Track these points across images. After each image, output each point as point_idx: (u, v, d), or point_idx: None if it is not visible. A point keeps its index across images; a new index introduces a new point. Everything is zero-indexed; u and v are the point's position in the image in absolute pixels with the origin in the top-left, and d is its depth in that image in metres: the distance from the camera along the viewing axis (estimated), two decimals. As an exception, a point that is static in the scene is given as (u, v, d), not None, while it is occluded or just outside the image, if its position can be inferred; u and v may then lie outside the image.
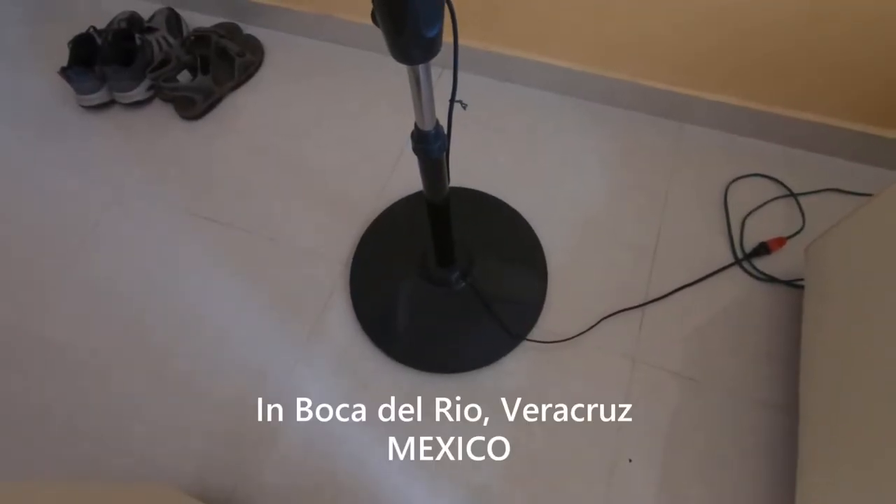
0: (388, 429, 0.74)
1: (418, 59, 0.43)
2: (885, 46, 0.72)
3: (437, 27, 0.41)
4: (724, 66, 0.84)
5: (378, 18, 0.40)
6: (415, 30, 0.40)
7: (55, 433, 0.77)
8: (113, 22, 1.07)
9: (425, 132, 0.53)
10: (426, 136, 0.53)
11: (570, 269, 0.84)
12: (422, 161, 0.57)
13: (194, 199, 0.94)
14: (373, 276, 0.84)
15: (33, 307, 0.86)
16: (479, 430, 0.74)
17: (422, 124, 0.52)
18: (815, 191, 0.88)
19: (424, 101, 0.49)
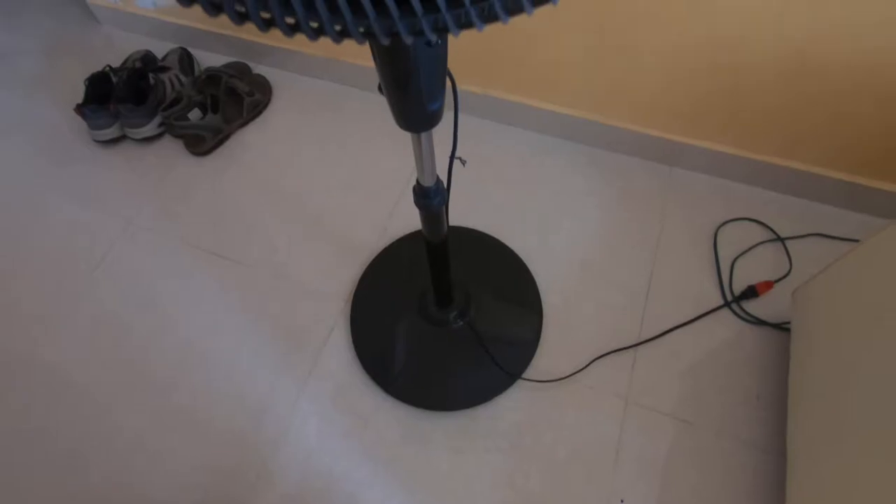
0: (385, 466, 0.76)
1: (421, 128, 0.48)
2: (867, 103, 0.78)
3: (439, 101, 0.46)
4: (715, 116, 0.90)
5: (384, 91, 0.45)
6: (419, 104, 0.45)
7: (56, 463, 0.79)
8: (128, 60, 1.13)
9: (427, 188, 0.57)
10: (427, 191, 0.58)
11: (565, 308, 0.88)
12: (423, 213, 0.61)
13: (201, 234, 0.98)
14: (373, 313, 0.87)
15: (39, 336, 0.89)
16: (475, 468, 0.76)
17: (423, 181, 0.57)
18: (801, 235, 0.92)
19: (426, 161, 0.54)
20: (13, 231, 1.00)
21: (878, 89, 0.76)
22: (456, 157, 0.58)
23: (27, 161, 1.08)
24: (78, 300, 0.92)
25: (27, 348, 0.88)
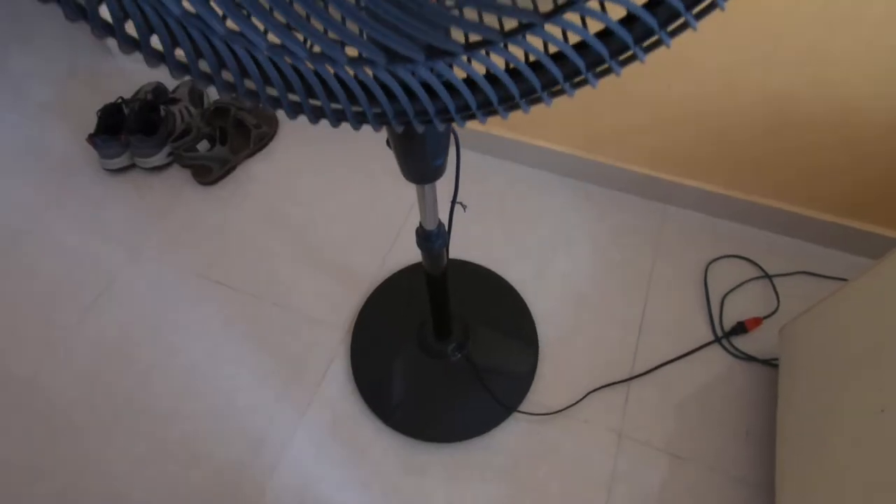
0: (382, 496, 0.78)
1: (425, 181, 0.51)
2: (844, 154, 0.82)
3: (443, 157, 0.49)
4: (703, 158, 0.94)
5: (392, 147, 0.49)
6: (424, 160, 0.48)
7: (55, 490, 0.80)
8: (140, 92, 1.17)
9: (429, 231, 0.61)
10: (430, 234, 0.61)
11: (560, 342, 0.90)
12: (424, 255, 0.64)
13: (206, 263, 1.00)
14: (373, 344, 0.89)
15: (44, 362, 0.90)
16: (470, 500, 0.77)
17: (426, 225, 0.60)
18: (789, 273, 0.96)
19: (429, 208, 0.57)
20: (20, 255, 1.02)
21: (853, 142, 0.80)
22: (457, 201, 0.62)
23: (37, 186, 1.11)
24: (82, 327, 0.94)
25: (29, 374, 0.90)
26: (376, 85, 0.25)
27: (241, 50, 0.24)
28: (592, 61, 0.24)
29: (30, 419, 0.86)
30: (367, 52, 0.23)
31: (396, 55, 0.23)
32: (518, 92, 0.25)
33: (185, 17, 0.23)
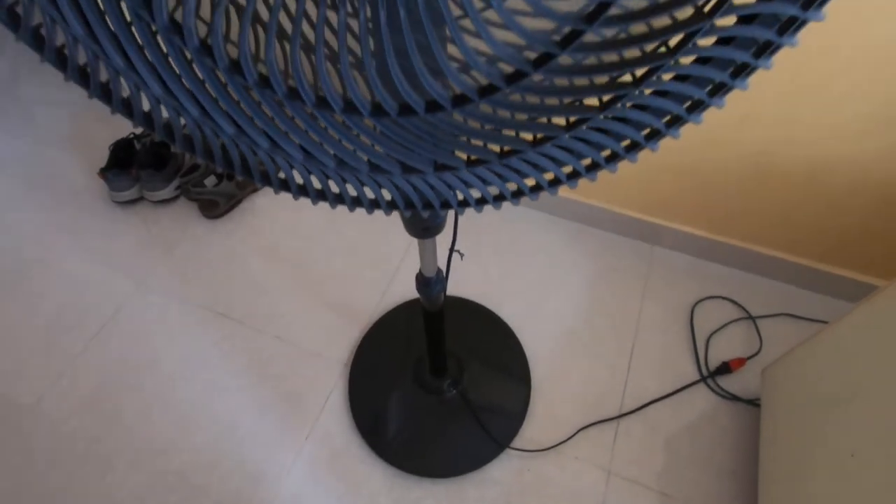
0: (376, 533, 0.80)
1: (426, 236, 0.56)
2: (818, 203, 0.89)
3: (442, 217, 0.54)
4: (687, 204, 1.00)
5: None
6: (425, 222, 0.53)
7: (53, 525, 0.81)
8: (150, 127, 1.23)
9: (428, 278, 0.66)
10: (429, 280, 0.66)
11: (552, 379, 0.94)
12: (424, 299, 0.69)
13: (209, 295, 1.04)
14: (370, 379, 0.93)
15: (47, 390, 0.93)
16: (463, 537, 0.80)
17: (425, 272, 0.65)
18: (771, 314, 1.01)
19: (428, 257, 0.62)
20: (29, 282, 1.06)
21: (824, 195, 0.87)
22: (455, 249, 0.67)
23: (48, 216, 1.15)
24: (87, 356, 0.97)
25: (33, 402, 0.92)
26: (392, 186, 0.30)
27: (281, 160, 0.29)
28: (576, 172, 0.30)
29: (31, 447, 0.88)
30: (386, 166, 0.28)
31: (409, 168, 0.28)
32: (509, 193, 0.31)
33: (237, 136, 0.28)
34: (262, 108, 0.26)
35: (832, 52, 0.70)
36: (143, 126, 0.30)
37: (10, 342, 0.99)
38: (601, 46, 0.22)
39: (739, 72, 0.24)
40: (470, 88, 0.24)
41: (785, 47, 0.22)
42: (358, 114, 0.25)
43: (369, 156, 0.28)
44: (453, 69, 0.23)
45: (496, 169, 0.28)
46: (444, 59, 0.23)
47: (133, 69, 0.25)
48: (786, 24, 0.21)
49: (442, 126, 0.26)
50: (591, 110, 0.25)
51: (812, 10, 0.20)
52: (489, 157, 0.27)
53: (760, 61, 0.23)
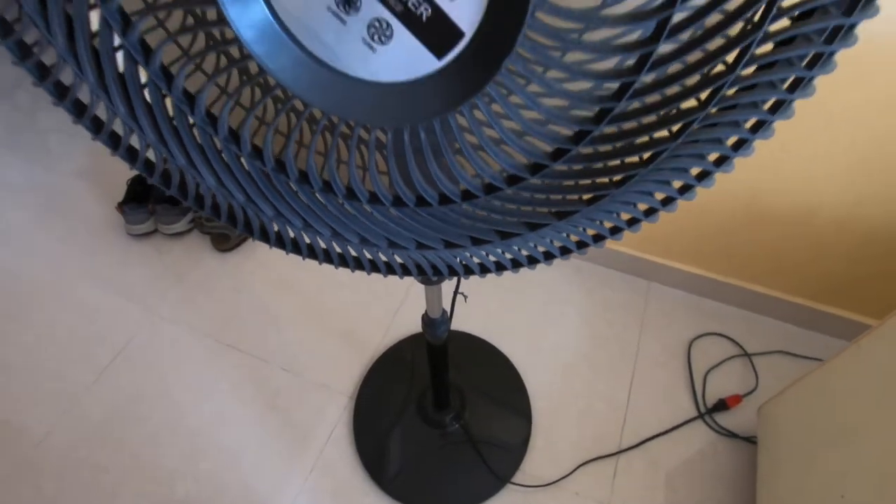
0: (379, 568, 0.82)
1: (433, 284, 0.61)
2: (809, 243, 0.94)
3: (448, 265, 0.59)
4: (682, 242, 1.05)
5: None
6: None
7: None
8: (166, 161, 1.29)
9: (433, 319, 0.70)
10: (434, 321, 0.70)
11: (552, 413, 0.98)
12: (429, 336, 0.73)
13: (219, 326, 1.09)
14: (374, 411, 0.96)
15: (58, 419, 0.97)
16: (464, 573, 0.82)
17: (431, 314, 0.69)
18: (767, 352, 1.05)
19: (434, 301, 0.67)
20: (43, 311, 1.11)
21: (814, 236, 0.92)
22: (459, 292, 0.72)
23: (64, 246, 1.21)
24: (98, 385, 1.01)
25: (44, 431, 0.96)
26: (406, 257, 0.35)
27: (312, 236, 0.34)
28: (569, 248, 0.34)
29: (40, 476, 0.91)
30: (403, 243, 0.33)
31: (423, 245, 0.33)
32: (510, 264, 0.36)
33: (276, 217, 0.33)
34: (299, 196, 0.31)
35: (815, 110, 0.76)
36: (194, 206, 0.35)
37: (25, 370, 1.03)
38: (588, 158, 0.27)
39: (723, 159, 0.29)
40: (476, 187, 0.29)
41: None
42: (381, 204, 0.30)
43: (388, 235, 0.33)
44: (463, 173, 0.28)
45: (497, 247, 0.33)
46: (456, 166, 0.28)
47: (193, 166, 0.30)
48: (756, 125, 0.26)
49: (452, 214, 0.31)
50: (578, 203, 0.30)
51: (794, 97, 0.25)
52: (491, 238, 0.32)
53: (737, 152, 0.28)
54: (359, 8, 0.23)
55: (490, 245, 0.32)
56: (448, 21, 0.23)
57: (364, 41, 0.24)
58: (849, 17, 0.22)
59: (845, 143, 0.79)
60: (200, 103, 0.27)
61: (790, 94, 0.25)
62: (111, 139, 0.32)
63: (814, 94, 0.26)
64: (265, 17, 0.23)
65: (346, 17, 0.24)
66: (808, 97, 0.26)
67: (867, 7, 0.21)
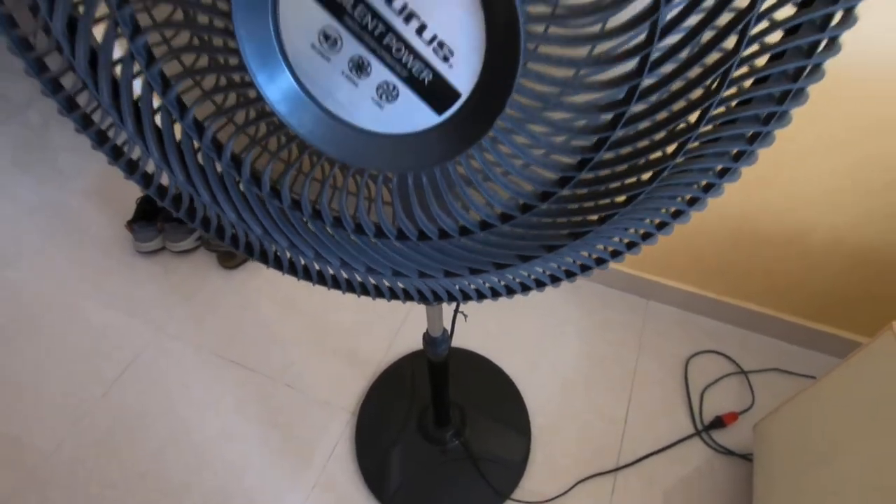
0: (380, 584, 0.84)
1: (436, 303, 0.64)
2: (799, 263, 0.97)
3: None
4: (678, 262, 1.08)
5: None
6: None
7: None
8: (175, 180, 1.34)
9: (434, 337, 0.73)
10: (435, 340, 0.73)
11: (551, 430, 1.00)
12: (430, 354, 0.76)
13: (224, 343, 1.12)
14: (376, 428, 0.99)
15: (67, 434, 0.99)
16: (464, 589, 0.84)
17: (432, 332, 0.72)
18: (762, 370, 1.07)
19: (435, 320, 0.70)
20: (52, 328, 1.14)
21: (804, 256, 0.95)
22: (459, 312, 0.75)
23: (73, 263, 1.25)
24: (106, 400, 1.04)
25: (52, 446, 0.98)
26: (410, 284, 0.39)
27: (322, 265, 0.37)
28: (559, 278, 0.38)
29: (48, 491, 0.93)
30: (406, 272, 0.36)
31: (424, 274, 0.37)
32: (504, 291, 0.39)
33: (290, 248, 0.36)
34: (309, 228, 0.35)
35: (800, 135, 0.80)
36: (201, 228, 0.38)
37: (34, 386, 1.06)
38: (570, 199, 0.31)
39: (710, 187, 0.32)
40: (472, 223, 0.33)
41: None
42: (386, 238, 0.34)
43: (393, 265, 0.36)
44: (461, 211, 0.32)
45: (493, 276, 0.36)
46: (455, 206, 0.31)
47: (216, 202, 0.34)
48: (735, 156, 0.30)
49: (450, 247, 0.34)
50: (565, 238, 0.33)
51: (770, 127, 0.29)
52: (487, 268, 0.35)
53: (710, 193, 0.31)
54: (369, 73, 0.27)
55: (486, 274, 0.36)
56: (447, 84, 0.27)
57: (373, 100, 0.28)
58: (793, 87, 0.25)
59: (831, 166, 0.82)
60: (227, 151, 0.30)
61: (749, 146, 0.28)
62: (128, 165, 0.36)
63: (774, 143, 0.30)
64: (290, 84, 0.26)
65: (358, 80, 0.27)
66: (768, 146, 0.29)
67: (812, 75, 0.25)
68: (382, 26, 0.25)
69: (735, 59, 0.24)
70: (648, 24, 0.23)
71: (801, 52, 0.25)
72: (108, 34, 0.26)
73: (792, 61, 0.25)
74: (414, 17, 0.25)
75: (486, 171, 0.29)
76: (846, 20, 0.25)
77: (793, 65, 0.25)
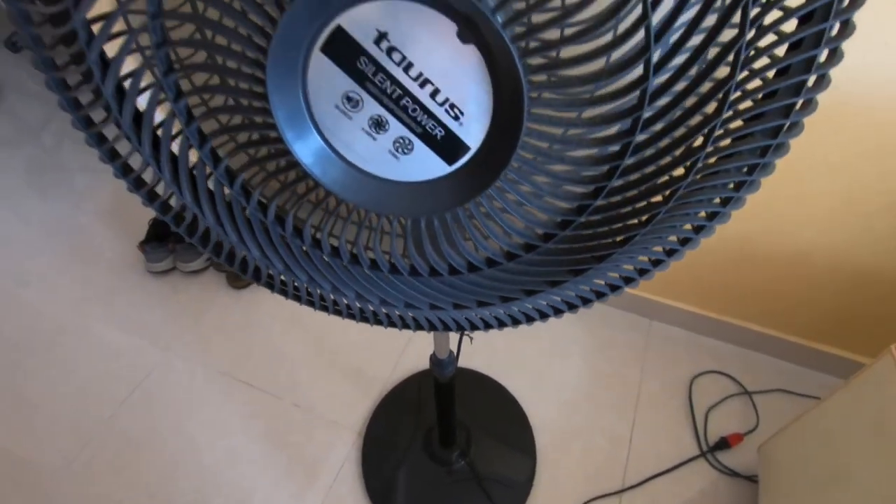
0: None
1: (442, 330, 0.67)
2: (800, 284, 0.99)
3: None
4: (680, 282, 1.10)
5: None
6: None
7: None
8: (185, 202, 1.37)
9: (441, 359, 0.75)
10: (442, 362, 0.75)
11: (556, 450, 1.01)
12: (436, 374, 0.78)
13: (232, 362, 1.14)
14: (382, 448, 1.00)
15: (76, 454, 1.01)
16: None
17: (439, 354, 0.75)
18: (766, 390, 1.08)
19: (441, 342, 0.72)
20: (64, 348, 1.17)
21: (804, 277, 0.97)
22: (465, 334, 0.77)
23: (85, 283, 1.28)
24: (115, 420, 1.06)
25: (62, 465, 1.00)
26: (422, 316, 0.41)
27: (339, 297, 0.40)
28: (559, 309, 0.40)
29: (59, 512, 0.95)
30: (418, 304, 0.39)
31: (435, 306, 0.39)
32: (510, 321, 0.41)
33: (309, 282, 0.39)
34: (329, 265, 0.38)
35: (797, 159, 0.82)
36: (213, 255, 0.41)
37: (45, 405, 1.08)
38: (574, 239, 0.34)
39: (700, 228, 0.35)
40: (480, 261, 0.35)
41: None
42: (399, 274, 0.37)
43: (405, 298, 0.38)
44: (469, 249, 0.35)
45: (499, 308, 0.39)
46: (464, 245, 0.34)
47: (242, 241, 0.37)
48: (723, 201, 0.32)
49: (459, 282, 0.37)
50: (566, 275, 0.36)
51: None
52: (494, 301, 0.38)
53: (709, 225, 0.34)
54: (387, 130, 0.30)
55: (493, 307, 0.38)
56: (457, 139, 0.30)
57: (390, 152, 0.31)
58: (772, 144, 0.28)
59: (828, 189, 0.85)
60: (254, 197, 0.33)
61: (736, 193, 0.31)
62: (149, 195, 0.39)
63: (759, 189, 0.32)
64: (317, 141, 0.29)
65: (377, 135, 0.30)
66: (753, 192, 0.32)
67: (777, 151, 0.28)
68: (400, 91, 0.28)
69: (717, 121, 0.27)
70: (639, 91, 0.26)
71: (779, 113, 0.27)
72: (152, 98, 0.29)
73: (771, 120, 0.28)
74: (429, 84, 0.28)
75: (493, 215, 0.32)
76: (820, 84, 0.28)
77: (771, 124, 0.28)
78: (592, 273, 0.36)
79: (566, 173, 0.30)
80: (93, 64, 0.28)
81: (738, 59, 0.25)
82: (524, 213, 0.32)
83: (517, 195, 0.31)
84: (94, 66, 0.28)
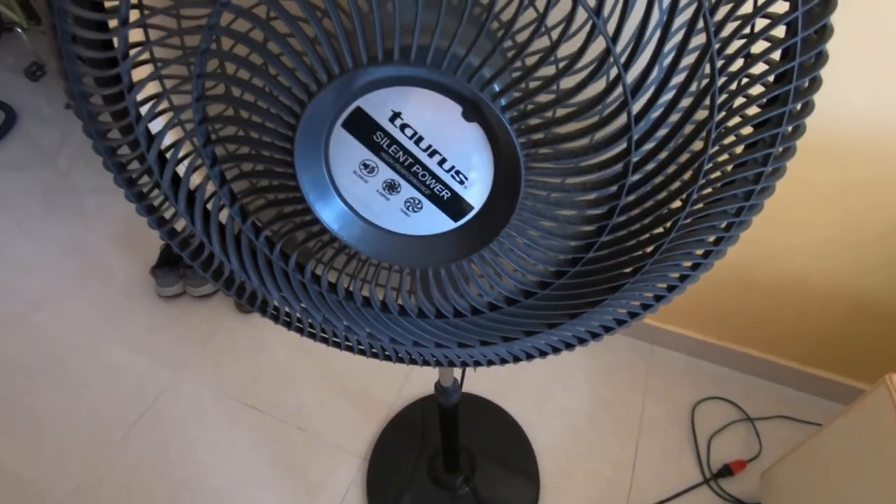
0: None
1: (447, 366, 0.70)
2: (798, 311, 1.01)
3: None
4: (682, 309, 1.13)
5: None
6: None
7: None
8: (196, 226, 1.42)
9: (445, 387, 0.78)
10: (446, 390, 0.78)
11: (559, 476, 1.03)
12: (441, 404, 0.81)
13: (240, 386, 1.17)
14: (387, 473, 1.02)
15: (86, 477, 1.04)
16: None
17: (443, 383, 0.78)
18: (768, 417, 1.10)
19: (445, 371, 0.75)
20: (75, 371, 1.20)
21: (802, 305, 1.00)
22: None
23: (97, 306, 1.32)
24: (125, 443, 1.09)
25: (71, 486, 1.03)
26: (428, 353, 0.45)
27: (351, 336, 0.44)
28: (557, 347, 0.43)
29: (68, 536, 0.97)
30: (425, 343, 0.42)
31: (440, 344, 0.43)
32: (511, 358, 0.45)
33: (324, 322, 0.42)
34: (343, 307, 0.41)
35: (790, 186, 0.86)
36: (223, 289, 0.45)
37: (56, 427, 1.11)
38: (571, 286, 0.37)
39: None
40: (482, 305, 0.39)
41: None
42: (408, 315, 0.40)
43: (413, 337, 0.42)
44: (473, 295, 0.38)
45: (501, 347, 0.42)
46: (468, 291, 0.37)
47: (264, 285, 0.40)
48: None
49: (463, 324, 0.40)
50: (563, 318, 0.39)
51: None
52: (496, 341, 0.41)
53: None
54: (399, 191, 0.34)
55: (495, 346, 0.42)
56: (462, 199, 0.34)
57: (402, 210, 0.35)
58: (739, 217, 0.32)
59: (822, 219, 0.88)
60: (277, 248, 0.37)
61: (715, 247, 0.35)
62: (170, 233, 0.42)
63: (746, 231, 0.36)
64: (338, 204, 0.33)
65: (390, 196, 0.34)
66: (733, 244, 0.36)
67: (752, 210, 0.31)
68: (411, 159, 0.32)
69: (694, 188, 0.31)
70: (622, 163, 0.30)
71: (748, 181, 0.31)
72: (189, 167, 0.33)
73: (741, 187, 0.31)
74: (437, 154, 0.32)
75: (494, 266, 0.35)
76: (788, 152, 0.31)
77: (742, 189, 0.31)
78: (587, 316, 0.39)
79: (560, 228, 0.33)
80: (140, 136, 0.32)
81: (709, 136, 0.29)
82: (522, 264, 0.35)
83: (514, 248, 0.34)
84: (140, 137, 0.32)
